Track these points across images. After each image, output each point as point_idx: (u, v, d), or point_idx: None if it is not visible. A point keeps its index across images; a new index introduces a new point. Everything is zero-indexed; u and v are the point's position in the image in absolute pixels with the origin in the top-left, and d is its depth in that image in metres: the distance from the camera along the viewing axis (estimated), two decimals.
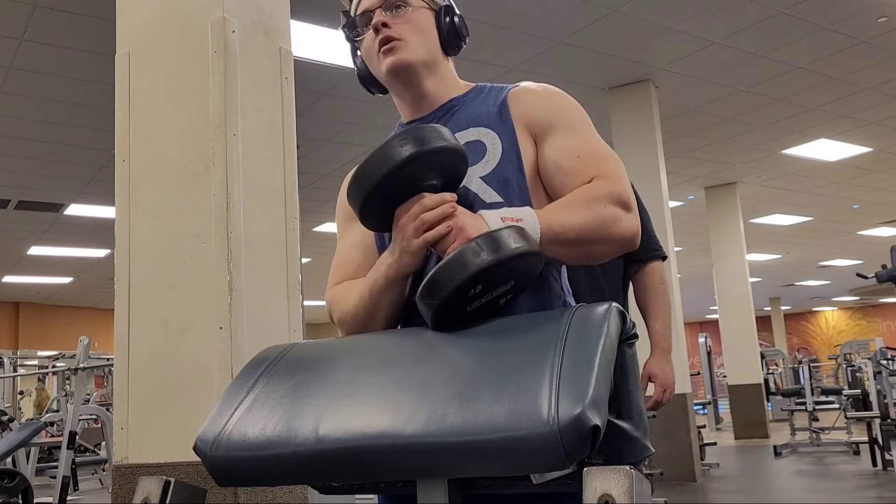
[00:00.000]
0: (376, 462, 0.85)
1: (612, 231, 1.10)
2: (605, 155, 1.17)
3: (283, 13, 2.42)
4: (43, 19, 4.77)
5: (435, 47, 1.26)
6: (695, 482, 6.56)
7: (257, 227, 2.17)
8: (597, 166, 1.15)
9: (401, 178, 1.03)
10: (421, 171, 1.04)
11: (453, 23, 1.27)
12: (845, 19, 5.57)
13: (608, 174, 1.14)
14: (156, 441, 2.06)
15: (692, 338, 15.80)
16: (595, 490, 0.73)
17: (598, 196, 1.11)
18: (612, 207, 1.10)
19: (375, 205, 1.06)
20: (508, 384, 0.85)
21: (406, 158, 1.01)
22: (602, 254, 1.13)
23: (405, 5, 1.23)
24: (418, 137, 1.02)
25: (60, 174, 7.75)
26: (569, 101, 1.25)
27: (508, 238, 0.99)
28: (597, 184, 1.12)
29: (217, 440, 0.92)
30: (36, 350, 14.25)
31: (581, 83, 6.35)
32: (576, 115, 1.23)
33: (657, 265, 2.37)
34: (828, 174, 9.50)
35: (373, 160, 1.02)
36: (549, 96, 1.25)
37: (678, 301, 6.81)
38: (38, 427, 5.49)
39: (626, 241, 1.12)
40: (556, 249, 1.08)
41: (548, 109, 1.22)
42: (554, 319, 0.94)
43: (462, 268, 0.97)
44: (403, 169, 1.02)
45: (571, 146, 1.18)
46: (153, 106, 2.22)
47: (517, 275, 1.03)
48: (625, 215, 1.11)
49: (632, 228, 1.12)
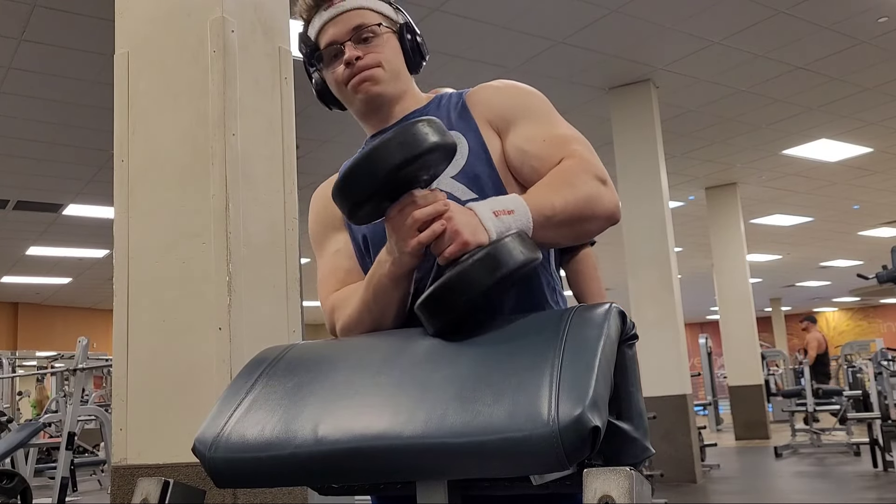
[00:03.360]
0: (376, 463, 0.85)
1: (597, 206, 1.10)
2: (570, 137, 1.18)
3: (283, 13, 2.42)
4: (42, 19, 4.77)
5: (403, 72, 1.29)
6: (695, 483, 6.56)
7: (256, 227, 2.16)
8: (564, 148, 1.16)
9: (403, 176, 1.00)
10: (421, 169, 1.02)
11: (415, 42, 1.29)
12: (845, 19, 5.57)
13: (577, 154, 1.14)
14: (155, 442, 2.05)
15: (693, 339, 15.80)
16: (595, 491, 0.72)
17: (576, 173, 1.12)
18: (592, 182, 1.11)
19: (371, 203, 1.03)
20: (508, 385, 0.85)
21: (425, 149, 0.97)
22: (590, 231, 1.13)
23: (373, 35, 1.25)
24: (421, 134, 0.98)
25: (59, 174, 7.75)
26: (527, 90, 1.26)
27: (514, 250, 0.97)
28: (569, 163, 1.13)
29: (216, 441, 0.91)
30: (34, 350, 14.26)
31: (581, 83, 6.35)
32: (536, 103, 1.23)
33: (589, 251, 2.36)
34: (828, 174, 9.50)
35: (382, 151, 0.97)
36: (506, 89, 1.26)
37: (678, 301, 6.82)
38: (37, 428, 5.49)
39: (611, 214, 1.12)
40: (548, 233, 1.07)
41: (506, 101, 1.23)
42: (554, 320, 0.94)
43: (469, 287, 0.95)
44: (412, 163, 0.98)
45: (535, 132, 1.19)
46: (152, 106, 2.22)
47: (517, 280, 1.02)
48: (604, 189, 1.12)
49: (613, 201, 1.12)
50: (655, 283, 6.75)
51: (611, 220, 1.13)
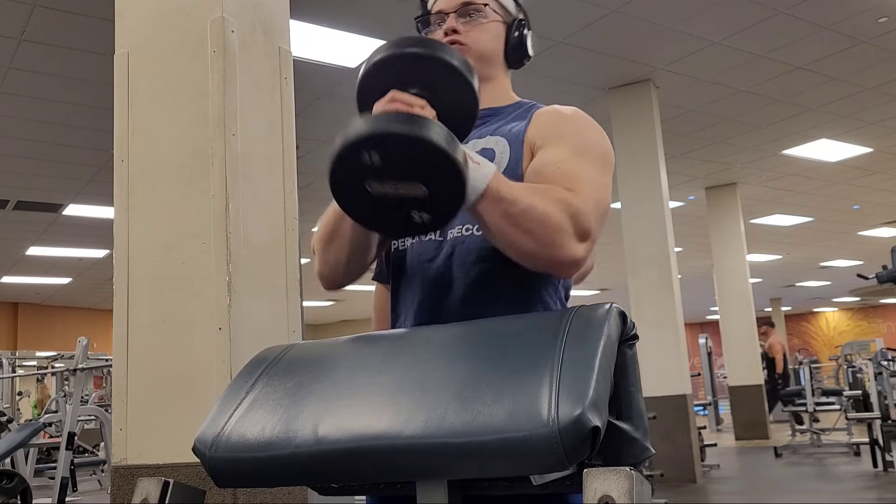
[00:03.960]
0: (376, 463, 0.85)
1: (552, 239, 1.02)
2: (590, 181, 1.10)
3: (283, 13, 2.42)
4: (42, 19, 4.77)
5: (497, 59, 1.29)
6: (695, 483, 6.56)
7: (256, 227, 2.16)
8: (575, 182, 1.08)
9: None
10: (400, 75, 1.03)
11: (521, 38, 1.30)
12: (845, 19, 5.57)
13: (583, 194, 1.06)
14: (155, 442, 2.05)
15: (692, 338, 15.79)
16: (595, 491, 0.73)
17: (560, 200, 1.04)
18: (567, 220, 1.02)
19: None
20: (508, 385, 0.85)
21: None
22: (526, 254, 1.04)
23: (478, 14, 1.27)
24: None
25: (59, 174, 7.75)
26: (583, 123, 1.20)
27: (429, 125, 0.93)
28: (566, 193, 1.05)
29: (216, 441, 0.91)
30: (34, 351, 14.25)
31: (581, 83, 6.35)
32: (580, 136, 1.17)
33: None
34: (828, 174, 9.50)
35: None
36: (563, 115, 1.22)
37: (678, 301, 6.82)
38: (37, 428, 5.49)
39: (558, 261, 1.03)
40: (490, 216, 1.01)
41: (554, 126, 1.19)
42: (554, 320, 0.94)
43: (364, 124, 0.94)
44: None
45: (558, 158, 1.13)
46: (152, 106, 2.22)
47: (427, 178, 0.94)
48: (574, 237, 1.03)
49: (572, 254, 1.03)
50: (655, 283, 6.75)
51: (555, 265, 1.05)
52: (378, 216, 1.00)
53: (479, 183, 0.98)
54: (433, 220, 0.99)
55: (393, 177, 0.94)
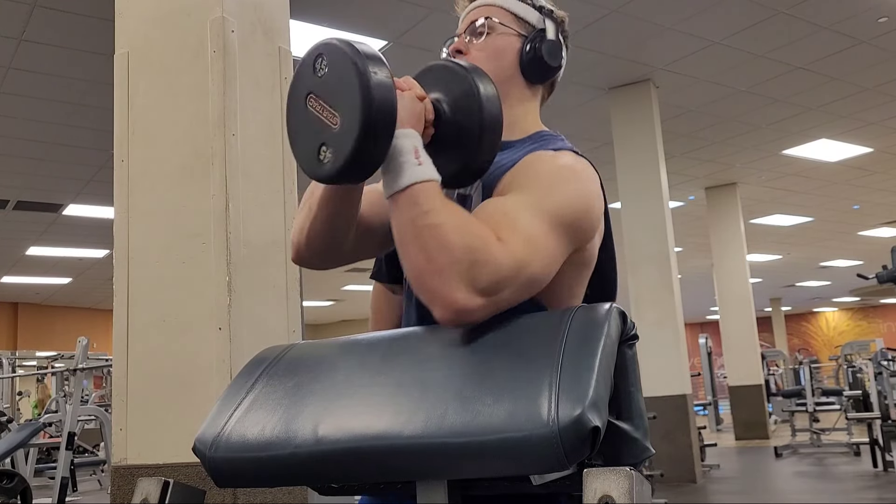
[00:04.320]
0: (376, 463, 0.85)
1: (439, 268, 0.89)
2: (529, 239, 0.94)
3: (283, 13, 2.42)
4: (42, 19, 4.77)
5: (508, 75, 1.18)
6: (695, 483, 6.56)
7: (256, 227, 2.16)
8: (508, 234, 0.93)
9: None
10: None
11: (536, 49, 1.18)
12: (845, 19, 5.57)
13: (508, 251, 0.91)
14: (154, 442, 2.05)
15: (692, 338, 15.80)
16: (595, 491, 0.73)
17: (477, 238, 0.90)
18: (465, 262, 0.88)
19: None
20: (508, 385, 0.85)
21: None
22: (411, 270, 0.93)
23: (489, 31, 1.20)
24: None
25: (59, 174, 7.75)
26: (563, 179, 1.05)
27: (376, 69, 0.90)
28: (490, 239, 0.91)
29: (216, 441, 0.91)
30: (34, 350, 14.25)
31: (581, 83, 6.35)
32: (550, 190, 1.02)
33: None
34: (828, 174, 9.50)
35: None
36: (544, 164, 1.07)
37: (678, 301, 6.82)
38: (37, 428, 5.49)
39: (436, 297, 0.90)
40: (400, 216, 0.93)
41: (527, 172, 1.06)
42: (554, 320, 0.93)
43: (338, 39, 0.94)
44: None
45: (510, 203, 0.99)
46: (152, 106, 2.22)
47: (344, 111, 0.90)
48: (464, 284, 0.88)
49: (453, 299, 0.89)
50: (655, 283, 6.75)
51: (433, 303, 0.91)
52: (303, 135, 0.96)
53: (403, 179, 0.92)
54: (333, 163, 0.92)
55: (324, 96, 0.93)
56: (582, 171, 1.08)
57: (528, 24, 1.21)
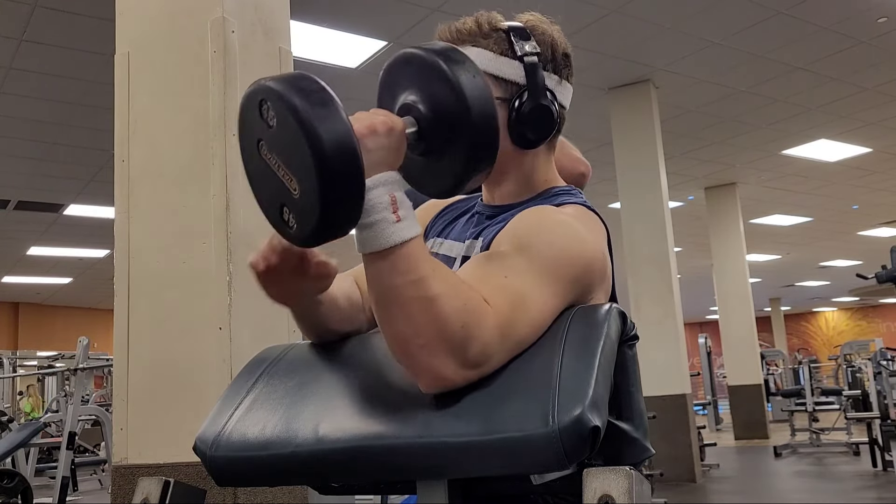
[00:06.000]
0: (376, 462, 0.85)
1: (429, 349, 0.82)
2: (518, 300, 0.87)
3: (283, 13, 2.42)
4: (43, 19, 4.77)
5: (505, 154, 1.03)
6: (695, 483, 6.56)
7: (257, 227, 2.17)
8: (496, 295, 0.86)
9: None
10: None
11: (521, 119, 1.04)
12: (845, 19, 5.57)
13: (497, 318, 0.85)
14: (155, 441, 2.06)
15: (692, 338, 15.79)
16: (595, 491, 0.73)
17: (469, 312, 0.82)
18: (458, 339, 0.81)
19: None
20: (508, 384, 0.85)
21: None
22: (394, 337, 0.84)
23: None
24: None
25: (60, 174, 7.76)
26: (555, 231, 0.96)
27: (332, 119, 0.76)
28: (479, 309, 0.84)
29: (217, 440, 0.92)
30: (35, 350, 14.25)
31: (581, 83, 6.32)
32: (542, 244, 0.94)
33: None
34: (828, 175, 9.50)
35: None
36: (536, 217, 0.99)
37: (678, 301, 6.82)
38: (38, 428, 5.49)
39: (422, 369, 0.83)
40: (382, 279, 0.82)
41: (519, 226, 0.98)
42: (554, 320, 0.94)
43: (282, 77, 0.79)
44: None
45: (497, 260, 0.93)
46: (153, 106, 2.22)
47: (302, 177, 0.76)
48: (457, 364, 0.82)
49: (441, 374, 0.82)
50: (655, 282, 6.76)
51: (416, 373, 0.84)
52: (263, 186, 0.83)
53: (381, 241, 0.80)
54: (299, 230, 0.80)
55: (276, 151, 0.79)
56: (582, 226, 0.99)
57: (510, 84, 1.05)
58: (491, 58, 1.06)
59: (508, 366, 0.87)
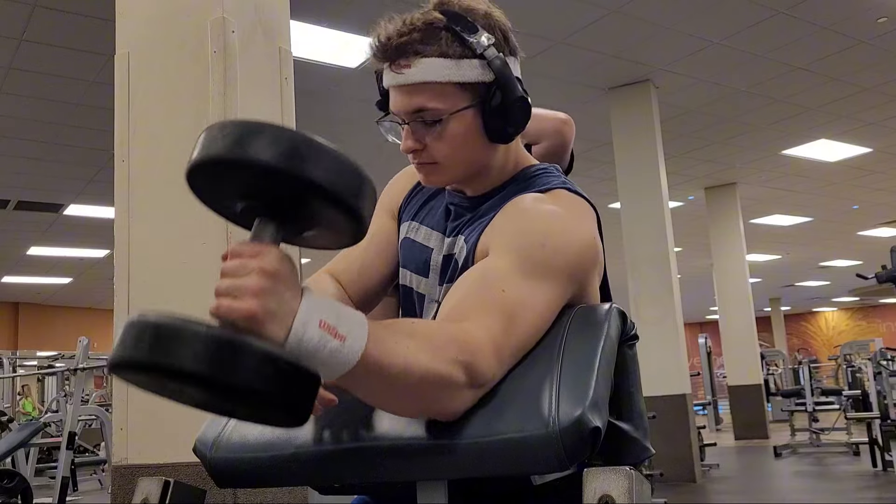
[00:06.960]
0: (376, 463, 0.85)
1: (438, 398, 0.81)
2: (503, 308, 0.88)
3: (283, 13, 2.42)
4: (42, 19, 4.77)
5: (477, 153, 1.05)
6: (695, 483, 6.56)
7: None
8: (480, 311, 0.87)
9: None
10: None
11: (496, 121, 1.02)
12: (845, 19, 5.57)
13: (485, 328, 0.85)
14: (155, 442, 2.05)
15: (692, 338, 15.79)
16: (595, 491, 0.73)
17: (455, 342, 0.82)
18: (458, 371, 0.80)
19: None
20: (508, 385, 0.85)
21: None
22: (406, 412, 0.86)
23: (440, 120, 1.01)
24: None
25: (60, 174, 7.76)
26: (544, 227, 0.96)
27: (186, 350, 0.68)
28: (462, 332, 0.84)
29: (217, 441, 0.92)
30: (35, 350, 14.26)
31: (581, 83, 6.35)
32: (533, 244, 0.94)
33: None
34: (828, 175, 9.50)
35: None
36: (521, 213, 0.99)
37: (678, 301, 6.82)
38: (38, 428, 5.49)
39: (447, 415, 0.83)
40: (361, 387, 0.79)
41: (506, 227, 0.98)
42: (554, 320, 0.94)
43: (122, 345, 0.70)
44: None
45: (487, 271, 0.93)
46: (152, 106, 2.22)
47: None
48: (466, 388, 0.82)
49: (461, 407, 0.83)
50: (655, 283, 6.75)
51: (444, 418, 0.84)
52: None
53: (339, 368, 0.73)
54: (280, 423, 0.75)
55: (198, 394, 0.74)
56: (569, 214, 0.99)
57: (477, 85, 1.01)
58: (451, 66, 0.99)
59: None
